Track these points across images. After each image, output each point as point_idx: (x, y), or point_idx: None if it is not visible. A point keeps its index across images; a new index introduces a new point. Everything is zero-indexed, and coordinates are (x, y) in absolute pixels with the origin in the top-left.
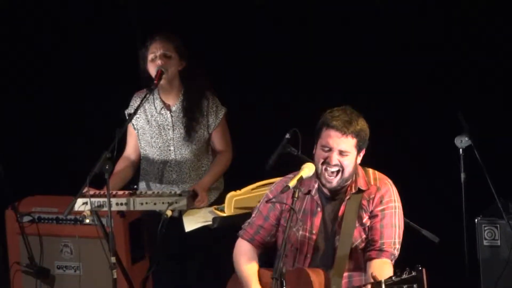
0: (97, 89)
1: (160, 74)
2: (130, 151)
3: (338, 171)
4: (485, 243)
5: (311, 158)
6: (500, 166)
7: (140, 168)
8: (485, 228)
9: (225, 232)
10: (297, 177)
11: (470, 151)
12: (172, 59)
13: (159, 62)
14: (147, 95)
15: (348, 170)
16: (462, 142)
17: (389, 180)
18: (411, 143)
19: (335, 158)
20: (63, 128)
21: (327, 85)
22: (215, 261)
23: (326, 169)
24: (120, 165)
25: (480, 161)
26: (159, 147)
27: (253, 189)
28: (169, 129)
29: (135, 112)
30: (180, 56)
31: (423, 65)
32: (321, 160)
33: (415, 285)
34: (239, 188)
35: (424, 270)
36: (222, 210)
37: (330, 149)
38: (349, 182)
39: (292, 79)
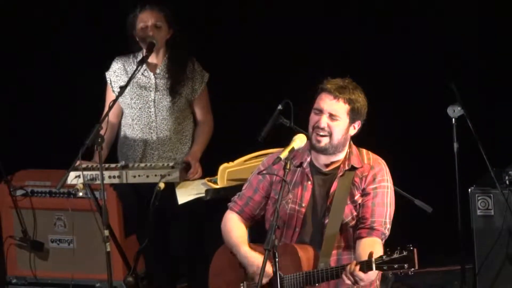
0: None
1: (151, 46)
2: (110, 115)
3: (327, 136)
4: (478, 212)
5: (304, 129)
6: (493, 135)
7: (120, 131)
8: (479, 198)
9: (217, 203)
10: (289, 148)
11: (463, 120)
12: (161, 29)
13: (150, 33)
14: (139, 68)
15: (337, 137)
16: (455, 111)
17: (383, 160)
18: (404, 113)
19: (324, 120)
20: (54, 100)
21: (322, 56)
22: (200, 230)
23: (316, 133)
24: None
25: (473, 131)
26: (140, 108)
27: (245, 160)
28: (151, 91)
29: (127, 85)
30: (169, 25)
31: (415, 36)
32: (312, 124)
33: (406, 265)
34: (232, 160)
35: (415, 250)
36: (215, 182)
37: (321, 111)
38: (341, 158)
39: (285, 51)
